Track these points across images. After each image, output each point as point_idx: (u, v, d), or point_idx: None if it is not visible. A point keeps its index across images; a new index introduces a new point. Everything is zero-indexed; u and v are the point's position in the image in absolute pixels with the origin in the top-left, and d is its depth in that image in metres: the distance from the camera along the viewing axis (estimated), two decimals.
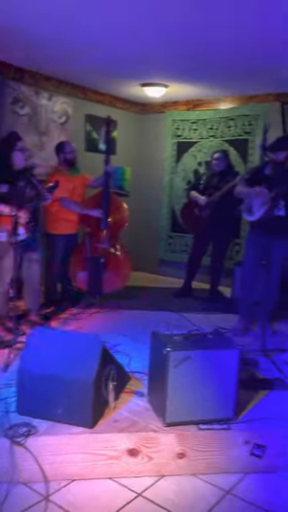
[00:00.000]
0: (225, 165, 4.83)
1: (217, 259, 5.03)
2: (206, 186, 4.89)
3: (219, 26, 3.23)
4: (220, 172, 4.83)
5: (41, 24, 3.35)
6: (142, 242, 6.30)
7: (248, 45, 3.60)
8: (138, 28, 3.38)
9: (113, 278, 4.49)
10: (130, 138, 6.25)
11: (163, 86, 5.07)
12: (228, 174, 4.76)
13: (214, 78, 4.70)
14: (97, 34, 3.55)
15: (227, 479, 2.27)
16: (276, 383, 2.87)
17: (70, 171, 4.39)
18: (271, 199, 3.59)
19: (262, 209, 3.64)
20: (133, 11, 3.06)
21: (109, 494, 2.15)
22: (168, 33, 3.44)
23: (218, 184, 4.78)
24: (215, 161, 4.84)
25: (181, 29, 3.34)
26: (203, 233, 4.95)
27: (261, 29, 3.25)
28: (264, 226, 3.72)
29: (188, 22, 3.20)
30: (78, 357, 2.35)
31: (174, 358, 2.28)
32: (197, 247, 5.13)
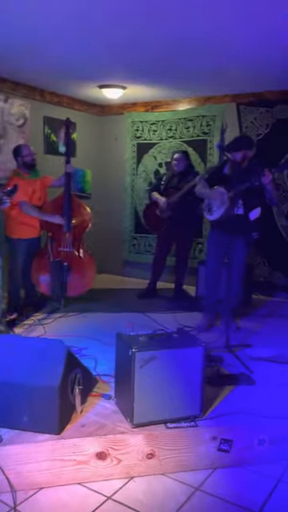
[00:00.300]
0: (184, 165, 4.87)
1: (180, 259, 5.08)
2: (166, 186, 4.92)
3: (175, 28, 3.27)
4: (180, 172, 4.87)
5: None
6: (105, 244, 6.28)
7: (203, 47, 3.65)
8: (92, 30, 3.37)
9: (77, 282, 4.45)
10: (89, 139, 6.22)
11: (121, 88, 5.07)
12: (188, 175, 4.81)
13: (171, 79, 4.75)
14: (48, 35, 3.51)
15: (196, 476, 2.29)
16: (241, 378, 2.92)
17: (29, 174, 4.32)
18: (230, 199, 3.66)
19: (221, 208, 3.71)
20: (87, 12, 3.05)
21: (78, 499, 2.12)
22: (124, 35, 3.44)
23: (178, 184, 4.82)
24: (175, 161, 4.88)
25: (137, 31, 3.35)
26: (166, 233, 4.98)
27: (214, 31, 3.30)
28: (224, 224, 3.79)
29: (144, 24, 3.21)
30: (42, 363, 2.31)
31: (140, 359, 2.29)
32: (160, 247, 5.16)
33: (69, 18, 3.16)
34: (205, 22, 3.14)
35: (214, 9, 2.91)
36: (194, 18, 3.08)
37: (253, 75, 4.47)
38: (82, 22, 3.25)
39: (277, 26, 3.14)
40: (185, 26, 3.23)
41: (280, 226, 5.16)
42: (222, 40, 3.48)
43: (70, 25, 3.29)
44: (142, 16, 3.07)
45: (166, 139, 5.86)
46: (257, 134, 5.19)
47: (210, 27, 3.23)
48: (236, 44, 3.56)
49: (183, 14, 3.01)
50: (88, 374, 2.68)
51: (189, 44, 3.61)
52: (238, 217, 3.66)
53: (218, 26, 3.22)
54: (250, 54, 3.78)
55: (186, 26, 3.22)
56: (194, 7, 2.90)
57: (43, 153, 5.42)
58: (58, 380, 2.23)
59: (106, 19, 3.16)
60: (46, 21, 3.22)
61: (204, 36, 3.41)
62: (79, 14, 3.09)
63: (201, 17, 3.05)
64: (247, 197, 3.72)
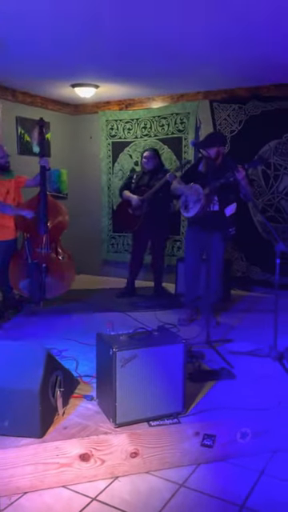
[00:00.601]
0: (154, 163, 4.86)
1: (156, 256, 5.09)
2: (137, 184, 4.90)
3: (146, 25, 3.27)
4: (150, 170, 4.87)
5: None
6: (83, 244, 6.24)
7: (175, 44, 3.66)
8: (63, 29, 3.34)
9: (56, 283, 4.41)
10: (64, 139, 6.17)
11: (94, 87, 5.05)
12: (158, 172, 4.82)
13: (143, 77, 4.75)
14: (19, 34, 3.46)
15: (180, 472, 2.30)
16: (222, 373, 2.95)
17: (2, 175, 4.24)
18: (205, 195, 3.69)
19: (197, 205, 3.73)
20: (58, 12, 3.02)
21: (63, 502, 2.11)
22: (95, 34, 3.43)
23: (148, 182, 4.82)
24: (145, 159, 4.87)
25: (108, 29, 3.34)
26: (140, 231, 4.97)
27: (186, 28, 3.32)
28: (200, 221, 3.82)
29: (114, 23, 3.20)
30: (21, 366, 2.28)
31: (121, 358, 2.28)
32: (136, 246, 5.16)
33: (40, 17, 3.12)
34: (172, 21, 3.15)
35: (180, 7, 2.92)
36: (162, 17, 3.08)
37: (224, 73, 4.51)
38: (53, 22, 3.22)
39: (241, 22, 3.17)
40: (153, 25, 3.24)
41: (256, 222, 5.23)
42: (188, 38, 3.49)
43: (41, 24, 3.26)
44: (113, 15, 3.06)
45: (140, 137, 5.86)
46: (230, 130, 5.24)
47: (177, 25, 3.24)
48: (203, 42, 3.58)
49: (152, 13, 3.01)
50: (69, 376, 2.66)
51: (158, 42, 3.61)
52: (214, 213, 3.69)
53: (185, 25, 3.23)
54: (218, 51, 3.80)
55: (154, 24, 3.22)
56: (163, 6, 2.90)
57: (17, 153, 5.35)
58: (38, 383, 2.20)
59: (76, 19, 3.14)
60: (16, 20, 3.18)
61: (171, 34, 3.42)
62: (50, 13, 3.06)
63: (169, 15, 3.05)
64: (222, 193, 3.76)
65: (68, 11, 3.02)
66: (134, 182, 4.94)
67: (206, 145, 3.77)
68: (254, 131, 5.09)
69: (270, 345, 3.26)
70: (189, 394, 2.53)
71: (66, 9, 2.99)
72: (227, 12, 2.99)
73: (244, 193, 3.69)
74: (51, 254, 4.40)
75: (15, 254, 4.38)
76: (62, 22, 3.24)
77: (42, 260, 4.32)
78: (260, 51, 3.77)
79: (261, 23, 3.17)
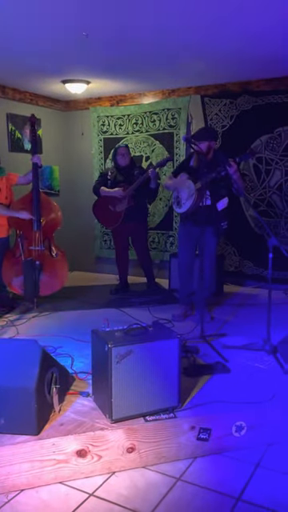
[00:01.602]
0: (129, 159, 4.85)
1: (140, 252, 5.08)
2: (113, 181, 4.86)
3: (136, 21, 3.25)
4: (124, 167, 4.85)
5: None
6: (76, 241, 6.23)
7: (164, 38, 3.65)
8: (52, 25, 3.32)
9: (50, 280, 4.40)
10: (55, 135, 6.14)
11: (85, 83, 5.02)
12: (132, 168, 4.81)
13: (134, 73, 4.73)
14: (8, 31, 3.43)
15: (177, 466, 2.32)
16: (217, 367, 2.97)
17: None
18: (197, 190, 3.69)
19: (189, 201, 3.74)
20: (46, 7, 2.99)
21: (60, 498, 2.11)
22: (84, 29, 3.40)
23: (125, 179, 4.80)
24: (120, 155, 4.84)
25: (98, 25, 3.32)
26: (120, 228, 4.92)
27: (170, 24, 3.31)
28: (193, 216, 3.83)
29: (103, 18, 3.18)
30: (17, 364, 2.28)
31: (116, 354, 2.28)
32: (118, 244, 5.14)
33: (30, 14, 3.09)
34: (165, 15, 3.14)
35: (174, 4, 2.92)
36: (152, 11, 3.07)
37: (214, 67, 4.51)
38: (43, 18, 3.19)
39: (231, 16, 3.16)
40: (143, 20, 3.22)
41: (248, 216, 5.25)
42: (180, 32, 3.48)
43: (30, 20, 3.23)
44: (103, 10, 3.04)
45: (132, 133, 5.84)
46: (222, 125, 5.24)
47: (170, 20, 3.23)
48: (195, 36, 3.58)
49: (142, 8, 3.00)
50: (65, 373, 2.66)
51: (149, 37, 3.60)
52: (206, 208, 3.70)
53: (178, 19, 3.23)
54: (207, 46, 3.80)
55: (144, 19, 3.21)
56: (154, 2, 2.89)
57: (8, 150, 5.31)
58: (34, 380, 2.20)
59: (65, 14, 3.11)
60: (6, 17, 3.15)
61: (162, 29, 3.40)
62: (40, 10, 3.03)
63: (159, 9, 3.04)
64: (214, 187, 3.77)
65: (58, 8, 3.00)
66: (109, 179, 4.88)
67: (196, 139, 3.77)
68: (245, 126, 5.09)
69: (263, 338, 3.29)
70: (184, 389, 2.55)
71: (57, 5, 2.96)
72: (218, 6, 2.98)
73: (236, 187, 3.71)
74: (44, 251, 4.40)
75: (8, 252, 4.36)
76: (51, 18, 3.22)
77: (36, 257, 4.31)
78: (251, 45, 3.77)
79: (252, 17, 3.17)
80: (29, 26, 3.37)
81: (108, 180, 4.88)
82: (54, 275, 4.43)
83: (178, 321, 3.99)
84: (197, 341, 3.37)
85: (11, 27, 3.38)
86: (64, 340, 3.53)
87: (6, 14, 3.12)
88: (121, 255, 5.15)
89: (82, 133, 6.19)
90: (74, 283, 5.42)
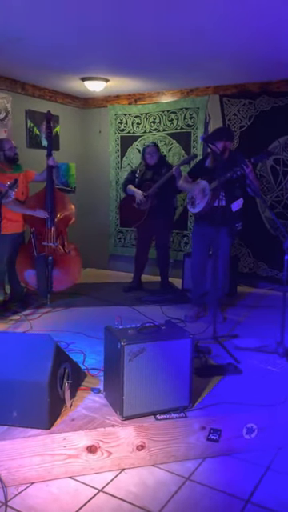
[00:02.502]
0: (157, 158, 4.86)
1: (161, 251, 5.09)
2: (140, 179, 4.89)
3: (156, 19, 3.25)
4: (153, 165, 4.86)
5: None
6: (90, 238, 6.26)
7: (183, 39, 3.64)
8: (73, 22, 3.33)
9: (63, 276, 4.43)
10: (73, 132, 6.17)
11: (104, 80, 5.03)
12: (161, 167, 4.81)
13: (153, 71, 4.73)
14: (30, 27, 3.46)
15: (186, 466, 2.32)
16: (228, 368, 2.95)
17: (11, 169, 4.26)
18: (212, 190, 3.68)
19: (204, 201, 3.73)
20: (68, 5, 3.01)
21: (69, 493, 2.13)
22: (105, 26, 3.41)
23: (152, 177, 4.81)
24: (148, 155, 4.86)
25: (118, 22, 3.32)
26: (144, 226, 4.96)
27: (193, 23, 3.30)
28: (207, 217, 3.82)
29: (125, 15, 3.19)
30: (30, 358, 2.30)
31: (129, 352, 2.29)
32: (140, 241, 5.16)
33: (51, 10, 3.11)
34: (185, 14, 3.13)
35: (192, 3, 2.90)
36: (175, 10, 3.06)
37: (234, 67, 4.48)
38: (64, 15, 3.21)
39: (256, 17, 3.14)
40: (165, 18, 3.22)
41: (264, 218, 5.21)
42: (200, 32, 3.47)
43: (52, 17, 3.25)
44: (123, 8, 3.04)
45: (149, 132, 5.84)
46: (240, 125, 5.21)
47: (190, 19, 3.23)
48: (215, 36, 3.56)
49: (162, 7, 3.00)
50: (77, 368, 2.68)
51: (169, 36, 3.59)
52: (220, 208, 3.67)
53: (196, 20, 3.22)
54: (230, 45, 3.78)
55: (166, 17, 3.20)
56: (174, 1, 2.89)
57: (26, 146, 5.36)
58: (47, 375, 2.22)
59: (87, 12, 3.12)
60: (27, 13, 3.18)
61: (183, 28, 3.40)
62: (61, 6, 3.05)
63: (181, 9, 3.03)
64: (229, 188, 3.74)
65: (79, 5, 3.01)
66: (137, 177, 4.93)
67: (212, 138, 3.75)
68: (263, 127, 5.05)
69: (276, 341, 3.27)
70: (195, 389, 2.54)
71: (77, 3, 2.98)
72: (239, 6, 2.96)
73: (252, 188, 3.68)
74: (57, 247, 4.42)
75: (22, 248, 4.40)
76: (72, 17, 3.23)
77: (49, 253, 4.34)
78: (271, 46, 3.74)
79: (273, 18, 3.14)
80: (50, 24, 3.39)
81: (136, 178, 4.90)
82: (67, 271, 4.46)
83: (191, 321, 3.98)
84: (209, 341, 3.36)
85: (33, 25, 3.41)
86: (76, 336, 3.56)
87: (28, 12, 3.14)
88: (141, 253, 5.15)
89: (100, 130, 6.20)
90: (87, 280, 5.44)
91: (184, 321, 3.98)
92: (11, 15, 3.22)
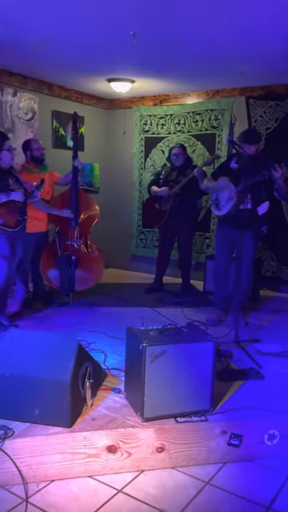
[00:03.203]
0: (183, 159, 4.84)
1: (183, 253, 5.06)
2: (164, 180, 4.89)
3: (183, 20, 3.25)
4: (178, 166, 4.85)
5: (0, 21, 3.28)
6: (113, 239, 6.29)
7: (210, 40, 3.62)
8: (101, 24, 3.35)
9: (85, 276, 4.46)
10: (97, 133, 6.20)
11: (129, 81, 5.05)
12: (187, 168, 4.79)
13: (179, 72, 4.72)
14: (57, 29, 3.50)
15: (206, 470, 2.30)
16: (250, 373, 2.92)
17: (37, 169, 4.32)
18: (238, 193, 3.62)
19: (229, 203, 3.67)
20: (96, 6, 3.03)
21: (89, 492, 2.14)
22: (132, 28, 3.42)
23: (177, 178, 4.80)
24: (174, 156, 4.85)
25: (145, 24, 3.33)
26: (167, 227, 4.96)
27: (222, 24, 3.28)
28: (232, 219, 3.76)
29: (152, 17, 3.19)
30: (53, 356, 2.32)
31: (150, 353, 2.29)
32: (163, 242, 5.16)
33: (78, 12, 3.14)
34: (212, 15, 3.12)
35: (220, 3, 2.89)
36: (201, 11, 3.05)
37: (262, 68, 4.43)
38: (91, 17, 3.23)
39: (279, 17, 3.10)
40: (192, 19, 3.21)
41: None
42: (227, 34, 3.45)
43: (80, 19, 3.28)
44: (150, 9, 3.05)
45: (174, 133, 5.83)
46: (266, 127, 5.15)
47: (216, 20, 3.21)
48: (245, 37, 3.53)
49: (190, 6, 2.99)
50: (98, 368, 2.69)
51: (196, 37, 3.58)
52: (246, 211, 3.64)
53: (225, 20, 3.20)
54: (259, 46, 3.74)
55: (193, 18, 3.20)
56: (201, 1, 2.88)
57: (52, 147, 5.41)
58: (69, 374, 2.24)
59: (114, 13, 3.14)
60: (56, 18, 3.22)
61: (211, 29, 3.38)
62: (88, 8, 3.07)
63: (208, 10, 3.02)
64: (255, 191, 3.69)
65: (107, 8, 3.03)
66: (162, 178, 4.93)
67: (247, 141, 3.70)
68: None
69: None
70: (216, 393, 2.52)
71: (105, 6, 3.00)
72: (264, 7, 2.93)
73: (280, 192, 3.63)
74: (81, 246, 4.46)
75: (46, 247, 4.45)
76: (99, 18, 3.25)
77: (72, 252, 4.38)
78: None
79: None
80: (78, 26, 3.42)
81: (160, 179, 4.91)
82: (90, 271, 4.48)
83: (212, 325, 3.93)
84: (230, 345, 3.33)
85: (60, 26, 3.45)
86: (98, 336, 3.57)
87: (55, 13, 3.17)
88: (163, 254, 5.15)
89: (124, 131, 6.22)
90: (108, 280, 5.46)
91: (206, 324, 3.94)
92: (39, 17, 3.26)
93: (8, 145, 3.51)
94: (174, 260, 5.32)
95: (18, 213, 3.45)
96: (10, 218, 3.42)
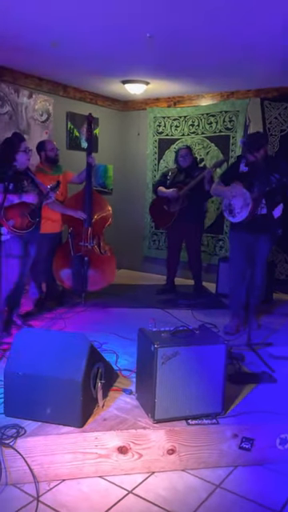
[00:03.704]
0: (190, 160, 4.83)
1: (192, 255, 5.05)
2: (172, 182, 4.87)
3: (199, 22, 3.24)
4: (186, 168, 4.83)
5: (17, 21, 3.31)
6: (125, 240, 6.30)
7: (225, 41, 3.62)
8: (115, 26, 3.37)
9: (97, 277, 4.47)
10: (111, 135, 6.23)
11: (144, 83, 5.06)
12: (194, 169, 4.77)
13: (194, 74, 4.72)
14: (73, 31, 3.52)
15: (217, 473, 2.29)
16: (263, 376, 2.90)
17: (52, 170, 4.35)
18: (254, 199, 3.56)
19: (245, 210, 3.61)
20: (111, 9, 3.04)
21: (99, 492, 2.14)
22: (147, 30, 3.43)
23: (184, 180, 4.79)
24: (181, 157, 4.84)
25: (160, 26, 3.34)
26: (174, 229, 4.94)
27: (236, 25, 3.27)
28: (248, 225, 3.68)
29: (166, 19, 3.20)
30: (65, 356, 2.33)
31: (162, 355, 2.29)
32: (171, 244, 5.15)
33: (93, 16, 3.16)
34: (226, 17, 3.11)
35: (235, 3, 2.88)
36: (218, 12, 3.05)
37: (277, 70, 4.40)
38: (107, 19, 3.25)
39: None
40: (209, 20, 3.21)
41: None
42: (244, 34, 3.44)
43: (96, 21, 3.30)
44: (164, 11, 3.05)
45: (187, 135, 5.83)
46: (281, 129, 5.12)
47: (231, 21, 3.20)
48: (259, 38, 3.51)
49: (204, 9, 2.99)
50: (109, 369, 2.70)
51: (211, 39, 3.57)
52: (262, 216, 3.59)
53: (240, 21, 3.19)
54: (275, 48, 3.72)
55: (208, 20, 3.19)
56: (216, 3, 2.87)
57: (66, 148, 5.45)
58: (81, 374, 2.25)
59: (128, 15, 3.15)
60: (71, 19, 3.24)
61: (226, 30, 3.37)
62: (103, 12, 3.09)
63: (223, 11, 3.02)
64: (269, 195, 3.63)
65: (121, 10, 3.05)
66: (169, 179, 4.92)
67: (256, 148, 3.62)
68: None
69: None
70: (228, 396, 2.51)
71: (119, 8, 3.01)
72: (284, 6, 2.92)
73: None
74: (94, 247, 4.47)
75: (59, 247, 4.48)
76: (114, 21, 3.27)
77: (85, 253, 4.40)
78: None
79: None
80: (93, 27, 3.44)
81: (167, 180, 4.91)
82: (102, 272, 4.50)
83: (230, 333, 3.79)
84: (242, 348, 3.31)
85: (75, 29, 3.47)
86: (109, 336, 3.58)
87: (71, 16, 3.20)
88: (172, 256, 5.14)
89: (138, 133, 6.24)
90: (121, 281, 5.47)
91: (224, 332, 3.80)
92: (55, 19, 3.29)
93: (24, 146, 3.53)
94: (185, 261, 5.30)
95: (30, 215, 3.46)
96: (22, 219, 3.43)
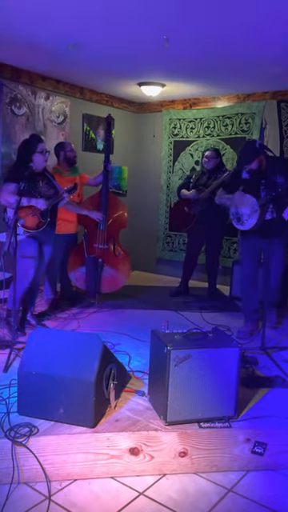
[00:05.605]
0: (214, 163, 4.81)
1: (211, 258, 5.03)
2: (195, 184, 4.87)
3: (214, 24, 3.24)
4: (209, 170, 4.82)
5: (35, 23, 3.35)
6: (139, 241, 6.31)
7: (242, 43, 3.60)
8: (132, 28, 3.38)
9: (111, 278, 4.49)
10: (127, 136, 6.25)
11: (160, 85, 5.07)
12: (217, 172, 4.76)
13: (210, 76, 4.71)
14: (90, 33, 3.54)
15: (229, 477, 2.28)
16: (276, 381, 2.88)
17: (69, 171, 4.39)
18: (261, 206, 3.53)
19: (254, 217, 3.58)
20: (127, 11, 3.06)
21: (110, 493, 2.15)
22: (164, 32, 3.43)
23: (207, 182, 4.78)
24: (205, 159, 4.83)
25: (176, 28, 3.34)
26: (196, 231, 4.94)
27: (253, 27, 3.25)
28: (258, 231, 3.64)
29: (183, 21, 3.20)
30: (78, 356, 2.35)
31: (175, 357, 2.28)
32: (191, 246, 5.14)
33: (111, 18, 3.18)
34: (243, 18, 3.10)
35: (252, 5, 2.87)
36: (236, 13, 3.04)
37: None
38: (124, 21, 3.26)
39: None
40: (226, 22, 3.20)
41: None
42: (260, 36, 3.42)
43: (112, 23, 3.31)
44: (181, 13, 3.05)
45: (203, 137, 5.82)
46: None
47: (248, 23, 3.19)
48: (276, 40, 3.49)
49: (222, 10, 2.98)
50: (122, 370, 2.70)
51: (230, 40, 3.56)
52: (272, 221, 3.56)
53: (257, 22, 3.17)
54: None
55: (227, 21, 3.18)
56: (233, 3, 2.86)
57: (82, 150, 5.48)
58: (94, 374, 2.26)
59: (145, 17, 3.16)
60: (88, 21, 3.26)
61: (242, 32, 3.36)
62: (120, 12, 3.10)
63: (239, 13, 3.00)
64: (276, 199, 3.58)
65: (138, 13, 3.06)
66: (192, 182, 4.92)
67: (249, 160, 3.55)
68: None
69: None
70: (241, 399, 2.50)
71: (137, 10, 3.02)
72: None
73: None
74: (108, 249, 4.49)
75: (74, 248, 4.51)
76: (131, 23, 3.28)
77: (100, 255, 4.42)
78: None
79: None
80: (109, 29, 3.45)
81: (190, 183, 4.92)
82: (116, 273, 4.52)
83: (244, 338, 3.76)
84: (256, 352, 3.29)
85: (92, 31, 3.49)
86: (122, 337, 3.59)
87: (87, 18, 3.22)
88: (191, 258, 5.13)
89: (154, 135, 6.25)
90: (134, 282, 5.48)
91: (237, 337, 3.75)
92: (71, 22, 3.31)
93: (41, 147, 3.54)
94: (200, 264, 5.29)
95: (40, 215, 3.47)
96: (33, 219, 3.45)
